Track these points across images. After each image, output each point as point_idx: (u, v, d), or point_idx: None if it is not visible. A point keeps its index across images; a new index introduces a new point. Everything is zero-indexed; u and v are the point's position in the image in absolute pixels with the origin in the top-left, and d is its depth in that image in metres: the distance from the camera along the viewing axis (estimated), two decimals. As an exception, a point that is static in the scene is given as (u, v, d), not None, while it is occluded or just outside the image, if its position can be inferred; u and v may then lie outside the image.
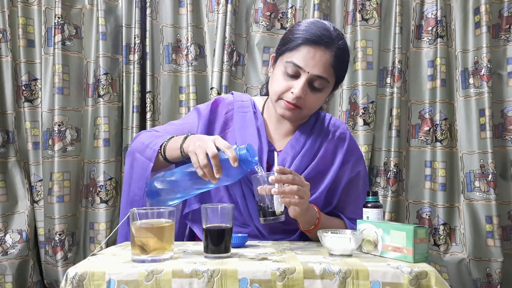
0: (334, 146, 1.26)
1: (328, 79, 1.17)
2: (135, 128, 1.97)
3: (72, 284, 0.81)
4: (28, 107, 1.98)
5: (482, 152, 1.91)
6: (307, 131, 1.27)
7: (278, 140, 1.28)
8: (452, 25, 2.01)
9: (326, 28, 1.17)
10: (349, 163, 1.27)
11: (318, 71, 1.15)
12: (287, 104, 1.18)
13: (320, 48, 1.14)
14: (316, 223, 1.13)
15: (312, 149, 1.24)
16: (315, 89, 1.17)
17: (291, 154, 1.23)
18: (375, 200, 1.13)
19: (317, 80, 1.16)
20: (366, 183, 1.33)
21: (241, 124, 1.26)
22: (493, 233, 1.88)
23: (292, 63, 1.15)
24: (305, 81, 1.15)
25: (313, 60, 1.14)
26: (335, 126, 1.30)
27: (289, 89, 1.16)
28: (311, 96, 1.18)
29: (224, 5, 1.97)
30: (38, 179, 1.97)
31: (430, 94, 2.00)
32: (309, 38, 1.14)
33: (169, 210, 0.94)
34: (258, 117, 1.29)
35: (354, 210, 1.27)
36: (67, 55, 1.95)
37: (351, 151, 1.28)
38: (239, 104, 1.30)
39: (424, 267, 0.84)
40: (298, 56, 1.15)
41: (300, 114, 1.21)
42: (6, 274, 1.86)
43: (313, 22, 1.20)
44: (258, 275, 0.81)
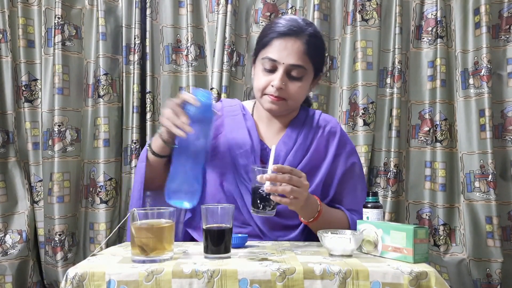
0: (326, 140, 1.28)
1: (304, 66, 1.21)
2: (135, 128, 1.97)
3: (72, 284, 0.81)
4: (28, 107, 1.98)
5: (482, 152, 1.91)
6: (298, 127, 1.30)
7: (270, 138, 1.30)
8: (452, 25, 2.01)
9: (293, 19, 1.24)
10: (342, 156, 1.28)
11: (292, 60, 1.19)
12: (271, 98, 1.22)
13: (291, 38, 1.19)
14: (316, 216, 1.14)
15: (304, 144, 1.26)
16: (294, 78, 1.21)
17: (284, 150, 1.25)
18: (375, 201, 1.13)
19: (294, 69, 1.20)
20: (362, 175, 1.34)
21: (232, 127, 1.30)
22: (493, 234, 1.88)
23: (267, 58, 1.20)
24: (283, 72, 1.19)
25: (286, 51, 1.19)
26: (325, 121, 1.32)
27: (269, 83, 1.21)
28: (292, 86, 1.21)
29: (224, 6, 1.97)
30: (38, 180, 1.97)
31: (430, 95, 2.00)
32: (278, 31, 1.20)
33: (169, 210, 0.94)
34: (248, 119, 1.32)
35: (352, 201, 1.28)
36: (67, 55, 1.95)
37: (342, 144, 1.30)
38: (228, 109, 1.34)
39: (424, 268, 0.84)
40: (271, 50, 1.20)
41: (286, 105, 1.24)
42: (6, 275, 1.86)
43: (281, 17, 1.28)
44: (258, 275, 0.81)
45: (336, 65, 2.05)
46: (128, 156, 1.99)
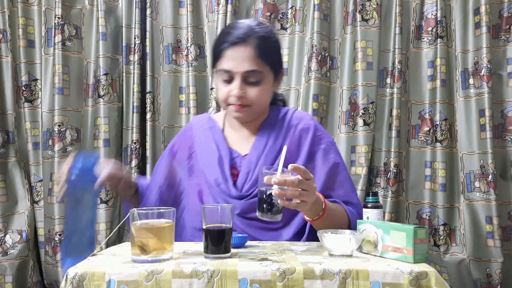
0: (298, 139, 1.27)
1: (259, 70, 1.21)
2: (135, 128, 1.97)
3: (72, 284, 0.81)
4: (28, 107, 1.98)
5: (482, 152, 1.91)
6: (268, 129, 1.29)
7: (243, 145, 1.29)
8: (452, 25, 2.01)
9: (241, 26, 1.23)
10: (319, 152, 1.26)
11: (246, 67, 1.19)
12: (236, 107, 1.23)
13: (239, 45, 1.20)
14: (321, 214, 1.11)
15: (274, 146, 1.26)
16: (252, 83, 1.22)
17: (256, 155, 1.25)
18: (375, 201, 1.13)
19: (250, 75, 1.20)
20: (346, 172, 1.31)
21: (200, 143, 1.32)
22: (493, 234, 1.88)
23: (222, 70, 1.22)
24: (240, 80, 1.20)
25: (238, 59, 1.19)
26: (298, 119, 1.31)
27: (229, 93, 1.22)
28: (252, 91, 1.22)
29: (224, 6, 1.97)
30: (38, 180, 1.97)
31: (430, 95, 2.00)
32: (228, 41, 1.21)
33: (170, 210, 0.94)
34: (215, 131, 1.33)
35: (346, 194, 1.26)
36: (67, 55, 1.95)
37: (318, 140, 1.28)
38: (197, 126, 1.37)
39: (424, 268, 0.84)
40: (224, 61, 1.21)
41: (251, 110, 1.25)
42: (6, 275, 1.86)
43: (227, 26, 1.29)
44: (258, 275, 0.81)
45: (336, 65, 2.05)
46: (128, 156, 1.99)
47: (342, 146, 2.00)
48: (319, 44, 1.98)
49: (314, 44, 1.97)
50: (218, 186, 1.23)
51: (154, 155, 1.98)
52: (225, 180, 1.23)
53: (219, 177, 1.24)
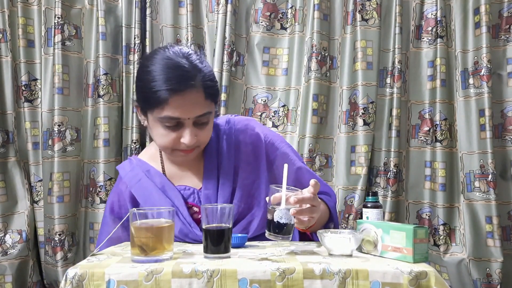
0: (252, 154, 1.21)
1: (209, 110, 1.12)
2: (135, 128, 1.97)
3: (71, 284, 0.81)
4: (28, 107, 1.98)
5: (482, 152, 1.91)
6: (215, 154, 1.21)
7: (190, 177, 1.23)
8: (452, 25, 2.01)
9: (182, 67, 1.08)
10: (277, 159, 1.22)
11: (197, 112, 1.09)
12: (184, 152, 1.13)
13: (187, 91, 1.06)
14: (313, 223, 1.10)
15: (228, 171, 1.18)
16: (202, 124, 1.12)
17: (212, 189, 1.18)
18: (375, 201, 1.13)
19: (201, 118, 1.10)
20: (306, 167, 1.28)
21: (143, 197, 1.19)
22: (493, 233, 1.88)
23: (168, 117, 1.07)
24: (190, 127, 1.09)
25: (188, 106, 1.07)
26: (242, 132, 1.23)
27: (178, 140, 1.11)
28: (203, 133, 1.13)
29: (224, 5, 1.97)
30: (38, 179, 1.97)
31: (430, 94, 2.00)
32: (172, 88, 1.05)
33: (169, 210, 0.94)
34: (154, 175, 1.21)
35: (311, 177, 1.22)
36: (67, 55, 1.95)
37: (270, 147, 1.23)
38: (128, 177, 1.22)
39: (424, 267, 0.84)
40: (170, 109, 1.06)
41: (200, 149, 1.17)
42: (6, 274, 1.86)
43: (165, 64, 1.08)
44: (257, 275, 0.81)
45: (336, 65, 2.05)
46: (128, 156, 1.99)
47: (342, 146, 2.00)
48: (319, 44, 1.98)
49: (314, 44, 1.97)
50: (186, 236, 1.15)
51: (154, 155, 1.98)
52: (189, 227, 1.15)
53: (182, 228, 1.15)
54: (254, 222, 1.17)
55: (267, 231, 0.98)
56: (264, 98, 2.04)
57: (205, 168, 1.20)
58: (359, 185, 1.95)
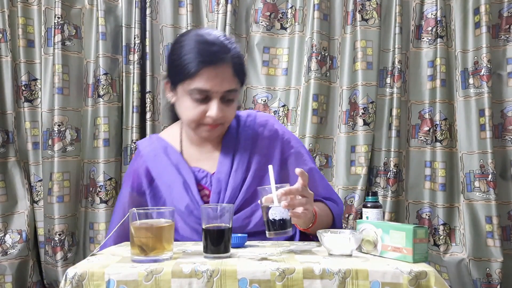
0: (267, 148, 1.24)
1: (236, 88, 1.16)
2: (135, 128, 1.97)
3: (71, 284, 0.81)
4: (28, 107, 1.98)
5: (482, 152, 1.91)
6: (232, 142, 1.24)
7: (208, 161, 1.25)
8: (452, 25, 2.01)
9: (216, 42, 1.14)
10: (291, 157, 1.25)
11: (226, 86, 1.13)
12: (209, 127, 1.16)
13: (219, 64, 1.12)
14: (314, 221, 1.11)
15: (243, 161, 1.21)
16: (228, 101, 1.16)
17: (224, 173, 1.20)
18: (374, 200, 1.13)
19: (228, 94, 1.14)
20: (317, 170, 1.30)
21: (158, 171, 1.23)
22: (493, 233, 1.88)
23: (197, 89, 1.12)
24: (218, 100, 1.13)
25: (218, 78, 1.12)
26: (261, 126, 1.26)
27: (204, 114, 1.14)
28: (228, 110, 1.17)
29: (224, 5, 1.97)
30: (38, 179, 1.97)
31: (430, 94, 2.00)
32: (205, 59, 1.11)
33: (169, 210, 0.94)
34: (171, 152, 1.25)
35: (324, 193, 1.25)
36: (67, 55, 1.95)
37: (286, 144, 1.26)
38: (146, 151, 1.27)
39: (424, 267, 0.84)
40: (201, 80, 1.11)
41: (223, 128, 1.21)
42: (6, 274, 1.86)
43: (199, 38, 1.15)
44: (257, 275, 0.81)
45: (336, 65, 2.05)
46: (128, 156, 1.99)
47: (342, 146, 2.00)
48: (319, 43, 1.98)
49: (314, 43, 1.97)
50: (190, 213, 1.17)
51: (154, 155, 1.98)
52: (196, 205, 1.18)
53: (189, 203, 1.18)
54: (257, 213, 1.18)
55: (267, 232, 0.99)
56: (264, 98, 2.04)
57: (221, 153, 1.23)
58: (359, 185, 1.95)
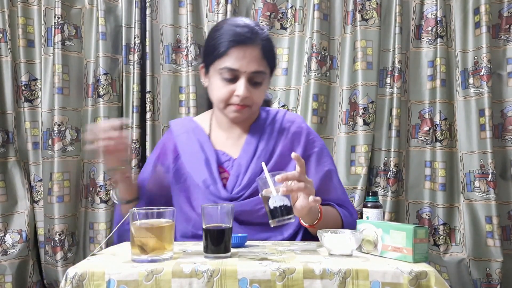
0: (291, 142, 1.26)
1: (264, 71, 1.21)
2: (135, 128, 1.97)
3: (71, 284, 0.81)
4: (28, 107, 1.98)
5: (482, 152, 1.91)
6: (259, 132, 1.28)
7: (232, 147, 1.28)
8: (452, 25, 2.01)
9: (245, 24, 1.21)
10: (312, 156, 1.27)
11: (253, 67, 1.18)
12: (236, 107, 1.21)
13: (248, 45, 1.18)
14: (319, 218, 1.12)
15: (266, 149, 1.24)
16: (256, 84, 1.21)
17: (245, 159, 1.23)
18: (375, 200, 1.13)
19: (256, 76, 1.19)
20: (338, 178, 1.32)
21: (183, 146, 1.28)
22: (493, 233, 1.88)
23: (226, 68, 1.18)
24: (245, 80, 1.18)
25: (246, 59, 1.17)
26: (289, 121, 1.30)
27: (232, 93, 1.19)
28: (255, 92, 1.21)
29: (224, 5, 1.97)
30: (38, 179, 1.97)
31: (430, 94, 2.00)
32: (234, 39, 1.17)
33: (169, 210, 0.94)
34: (199, 133, 1.30)
35: (338, 198, 1.27)
36: (67, 55, 1.95)
37: (310, 144, 1.28)
38: (176, 129, 1.33)
39: (424, 267, 0.84)
40: (229, 60, 1.17)
41: (250, 111, 1.24)
42: (6, 274, 1.86)
43: (229, 21, 1.25)
44: (257, 275, 0.81)
45: (336, 65, 2.05)
46: (128, 155, 1.98)
47: (342, 146, 2.00)
48: (319, 43, 1.98)
49: (314, 43, 1.97)
50: (207, 187, 1.21)
51: (154, 154, 1.98)
52: (214, 181, 1.21)
53: (207, 178, 1.22)
54: None
55: (270, 221, 1.00)
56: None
57: (247, 140, 1.27)
58: (359, 185, 1.95)
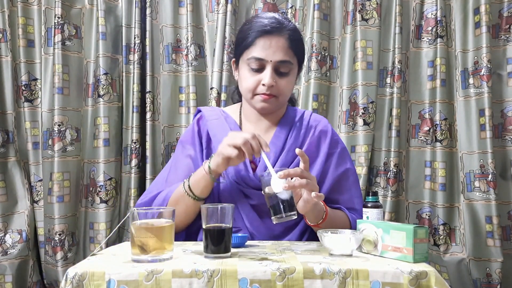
0: (317, 140, 1.28)
1: (290, 61, 1.22)
2: (135, 128, 1.97)
3: (72, 284, 0.81)
4: (28, 107, 1.98)
5: (482, 152, 1.91)
6: (287, 126, 1.29)
7: None
8: (452, 25, 2.01)
9: (272, 16, 1.23)
10: (334, 156, 1.28)
11: (279, 56, 1.20)
12: (263, 97, 1.22)
13: (274, 35, 1.20)
14: (324, 217, 1.12)
15: (295, 144, 1.26)
16: (282, 74, 1.22)
17: (274, 150, 1.24)
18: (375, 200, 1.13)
19: (282, 65, 1.21)
20: (357, 179, 1.33)
21: (215, 131, 1.28)
22: (493, 233, 1.88)
23: (253, 58, 1.20)
24: (271, 69, 1.20)
25: (271, 48, 1.19)
26: (316, 121, 1.32)
27: (259, 82, 1.21)
28: (282, 82, 1.22)
29: (224, 5, 1.97)
30: (38, 179, 1.97)
31: (430, 94, 2.00)
32: (260, 30, 1.20)
33: (169, 210, 0.94)
34: (230, 122, 1.31)
35: (349, 199, 1.27)
36: (67, 55, 1.95)
37: (334, 143, 1.30)
38: (209, 114, 1.33)
39: (424, 267, 0.84)
40: (256, 49, 1.20)
41: (277, 102, 1.25)
42: (6, 274, 1.86)
43: (258, 15, 1.27)
44: (258, 275, 0.81)
45: (336, 65, 2.05)
46: (128, 155, 1.99)
47: (342, 145, 2.00)
48: (319, 43, 1.98)
49: (314, 43, 1.97)
50: (237, 172, 1.22)
51: (154, 154, 1.98)
52: (245, 167, 1.22)
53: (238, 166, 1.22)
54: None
55: (272, 218, 1.01)
56: (264, 98, 2.04)
57: (275, 133, 1.28)
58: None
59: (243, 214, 1.20)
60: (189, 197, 1.15)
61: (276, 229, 1.20)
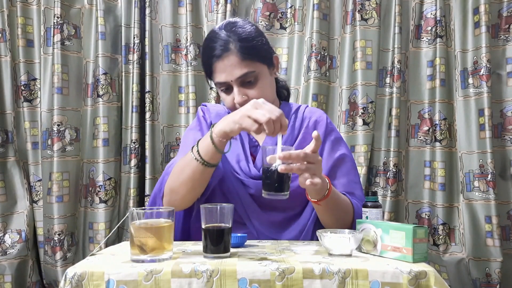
0: (312, 128, 1.29)
1: (251, 70, 1.20)
2: (134, 128, 1.97)
3: (71, 284, 0.81)
4: (27, 107, 1.98)
5: (482, 152, 1.91)
6: None
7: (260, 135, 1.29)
8: (452, 25, 2.01)
9: (217, 37, 1.22)
10: (328, 142, 1.28)
11: (237, 73, 1.20)
12: None
13: (224, 56, 1.20)
14: (327, 194, 1.09)
15: (292, 135, 1.27)
16: (250, 83, 1.22)
17: (271, 144, 1.25)
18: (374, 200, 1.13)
19: (245, 77, 1.20)
20: (354, 165, 1.32)
21: None
22: (493, 233, 1.88)
23: (218, 83, 1.24)
24: (237, 87, 1.21)
25: (227, 69, 1.20)
26: (311, 113, 1.34)
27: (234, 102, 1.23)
28: (252, 91, 1.22)
29: (223, 5, 1.97)
30: (37, 179, 1.97)
31: (429, 94, 2.00)
32: (211, 56, 1.21)
33: (168, 210, 0.94)
34: None
35: (349, 184, 1.26)
36: (66, 55, 1.95)
37: (330, 131, 1.31)
38: (213, 109, 1.36)
39: (424, 267, 0.84)
40: (216, 75, 1.23)
41: None
42: (5, 274, 1.86)
43: (207, 38, 1.27)
44: (257, 275, 0.81)
45: (336, 65, 2.05)
46: (127, 155, 1.99)
47: (342, 145, 2.00)
48: (318, 43, 1.98)
49: (314, 43, 1.97)
50: (238, 162, 1.23)
51: (153, 154, 1.98)
52: (246, 157, 1.25)
53: (240, 153, 1.25)
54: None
55: (263, 191, 1.00)
56: (263, 98, 2.04)
57: None
58: (359, 184, 1.95)
59: (243, 204, 1.21)
60: (197, 162, 1.10)
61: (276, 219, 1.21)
